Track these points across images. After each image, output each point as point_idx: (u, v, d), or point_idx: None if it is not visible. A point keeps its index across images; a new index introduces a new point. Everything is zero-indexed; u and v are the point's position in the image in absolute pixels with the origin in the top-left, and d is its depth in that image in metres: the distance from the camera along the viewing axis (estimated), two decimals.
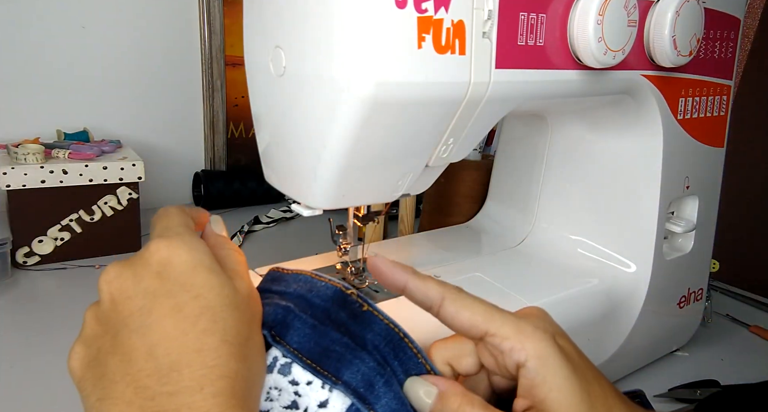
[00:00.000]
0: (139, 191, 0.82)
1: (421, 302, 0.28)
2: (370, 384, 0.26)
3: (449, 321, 0.27)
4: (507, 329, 0.25)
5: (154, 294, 0.24)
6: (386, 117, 0.33)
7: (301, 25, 0.33)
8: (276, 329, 0.28)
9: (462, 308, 0.26)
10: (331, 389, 0.26)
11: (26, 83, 0.92)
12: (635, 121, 0.50)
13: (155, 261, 0.26)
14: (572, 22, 0.39)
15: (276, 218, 1.01)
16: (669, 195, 0.52)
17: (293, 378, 0.27)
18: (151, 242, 0.26)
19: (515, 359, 0.25)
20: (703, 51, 0.51)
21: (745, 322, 0.68)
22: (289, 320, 0.28)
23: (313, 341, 0.27)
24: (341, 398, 0.26)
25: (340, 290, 0.29)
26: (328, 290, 0.29)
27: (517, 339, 0.25)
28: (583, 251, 0.55)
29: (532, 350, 0.25)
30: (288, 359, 0.27)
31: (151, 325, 0.24)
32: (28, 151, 0.75)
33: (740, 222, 0.79)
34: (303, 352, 0.27)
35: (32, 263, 0.77)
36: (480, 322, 0.26)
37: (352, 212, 0.48)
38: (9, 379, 0.51)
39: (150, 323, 0.24)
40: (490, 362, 0.27)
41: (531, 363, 0.25)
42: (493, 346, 0.26)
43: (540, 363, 0.25)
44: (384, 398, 0.26)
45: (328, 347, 0.27)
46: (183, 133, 1.08)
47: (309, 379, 0.27)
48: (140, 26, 0.99)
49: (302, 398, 0.26)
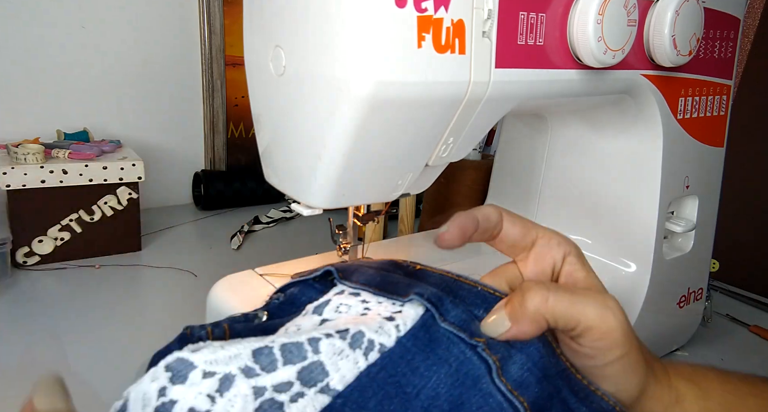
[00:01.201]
0: (139, 191, 0.82)
1: (487, 231, 0.29)
2: (440, 299, 0.27)
3: (504, 235, 0.30)
4: (552, 233, 0.30)
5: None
6: (386, 116, 0.33)
7: (301, 24, 0.33)
8: (341, 271, 0.28)
9: (516, 219, 0.30)
10: (402, 304, 0.27)
11: (26, 83, 0.92)
12: (635, 121, 0.50)
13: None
14: (572, 22, 0.39)
15: (276, 218, 1.01)
16: (669, 195, 0.52)
17: (363, 299, 0.27)
18: None
19: (563, 250, 0.29)
20: (702, 51, 0.51)
21: (745, 322, 0.68)
22: (352, 268, 0.29)
23: (379, 278, 0.28)
24: (414, 309, 0.26)
25: (391, 260, 0.31)
26: (380, 261, 0.31)
27: (562, 237, 0.30)
28: (583, 251, 0.55)
29: (573, 246, 0.30)
30: (356, 290, 0.28)
31: None
32: (28, 151, 0.75)
33: (740, 222, 0.79)
34: (370, 285, 0.28)
35: (32, 263, 0.77)
36: (531, 227, 0.30)
37: (352, 212, 0.48)
38: (9, 379, 0.51)
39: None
40: (533, 269, 0.30)
41: (575, 251, 0.30)
42: (543, 245, 0.30)
43: (579, 254, 0.30)
44: (453, 311, 0.27)
45: (393, 282, 0.28)
46: (183, 133, 1.08)
47: (379, 300, 0.27)
48: (140, 26, 0.99)
49: (371, 310, 0.27)
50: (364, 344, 0.25)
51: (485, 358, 0.25)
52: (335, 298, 0.28)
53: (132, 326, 0.61)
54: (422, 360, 0.25)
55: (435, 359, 0.25)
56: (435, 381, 0.25)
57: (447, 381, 0.25)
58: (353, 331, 0.25)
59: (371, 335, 0.25)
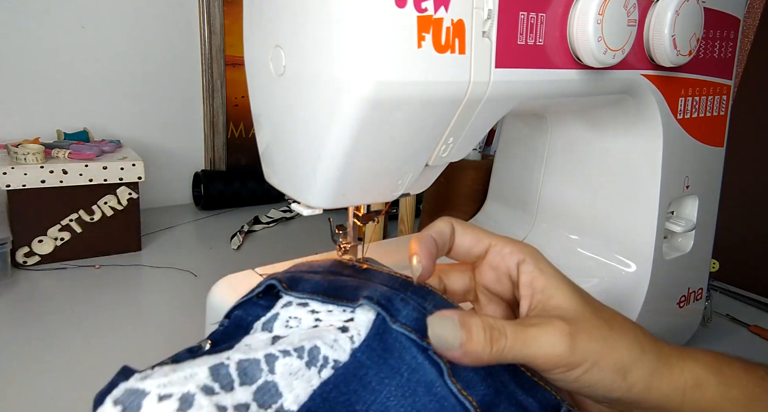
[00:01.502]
0: (139, 191, 0.82)
1: (443, 246, 0.29)
2: (389, 300, 0.27)
3: (456, 244, 0.30)
4: (505, 241, 0.30)
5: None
6: (386, 116, 0.33)
7: (301, 24, 0.33)
8: (286, 282, 0.28)
9: (467, 229, 0.30)
10: (353, 310, 0.27)
11: (26, 83, 0.92)
12: (635, 121, 0.50)
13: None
14: (572, 22, 0.39)
15: (276, 218, 1.01)
16: (669, 195, 0.52)
17: (312, 309, 0.27)
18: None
19: (516, 259, 0.29)
20: (702, 51, 0.51)
21: (745, 322, 0.68)
22: (297, 276, 0.29)
23: (326, 284, 0.28)
24: (365, 314, 0.27)
25: (336, 260, 0.31)
26: (326, 262, 0.31)
27: (514, 245, 0.30)
28: (583, 251, 0.55)
29: (528, 251, 0.29)
30: (304, 300, 0.27)
31: None
32: (28, 151, 0.75)
33: (740, 222, 0.79)
34: (318, 292, 0.27)
35: (32, 263, 0.77)
36: (483, 237, 0.30)
37: (352, 212, 0.48)
38: (9, 379, 0.51)
39: None
40: (490, 277, 0.30)
41: (529, 258, 0.29)
42: (495, 254, 0.30)
43: (536, 259, 0.29)
44: (404, 310, 0.27)
45: (341, 286, 0.28)
46: (183, 133, 1.08)
47: (329, 308, 0.27)
48: (140, 26, 0.99)
49: (323, 321, 0.26)
50: (319, 361, 0.25)
51: (436, 360, 0.26)
52: (283, 311, 0.27)
53: (132, 326, 0.61)
54: (374, 374, 0.25)
55: (387, 371, 0.25)
56: (385, 395, 0.25)
57: (397, 393, 0.25)
58: (308, 346, 0.25)
59: (326, 351, 0.25)
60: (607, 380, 0.26)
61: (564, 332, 0.26)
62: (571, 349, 0.25)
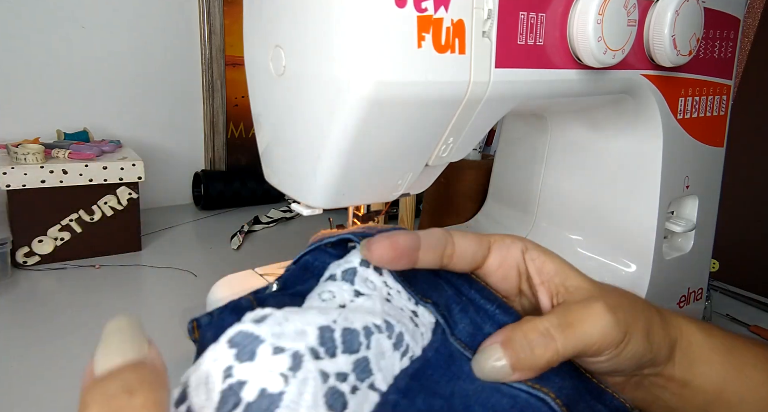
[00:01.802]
0: (139, 191, 0.82)
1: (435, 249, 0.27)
2: (449, 310, 0.27)
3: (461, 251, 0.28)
4: (502, 235, 0.29)
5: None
6: (386, 116, 0.33)
7: (301, 24, 0.33)
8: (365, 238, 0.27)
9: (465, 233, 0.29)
10: (417, 303, 0.26)
11: (26, 83, 0.92)
12: (635, 121, 0.50)
13: None
14: (572, 22, 0.39)
15: (276, 218, 1.01)
16: (669, 195, 0.52)
17: (385, 280, 0.26)
18: None
19: (519, 247, 0.29)
20: (702, 51, 0.51)
21: (745, 322, 0.68)
22: None
23: None
24: (427, 315, 0.26)
25: None
26: None
27: (512, 237, 0.29)
28: (583, 251, 0.55)
29: (525, 240, 0.29)
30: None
31: None
32: (28, 151, 0.75)
33: (740, 222, 0.79)
34: None
35: (32, 263, 0.77)
36: (483, 237, 0.29)
37: (351, 212, 0.48)
38: (9, 379, 0.51)
39: None
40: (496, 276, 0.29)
41: (529, 245, 0.29)
42: (498, 248, 0.29)
43: (535, 245, 0.29)
44: (460, 324, 0.27)
45: (414, 270, 0.27)
46: (183, 133, 1.08)
47: (398, 289, 0.26)
48: (140, 26, 0.99)
49: (394, 300, 0.26)
50: (403, 347, 0.24)
51: None
52: (361, 269, 0.26)
53: None
54: (446, 369, 0.25)
55: (455, 369, 0.25)
56: (460, 385, 0.25)
57: (470, 387, 0.25)
58: (397, 330, 0.24)
59: (408, 340, 0.25)
60: (641, 348, 0.26)
61: (606, 310, 0.25)
62: (617, 325, 0.25)
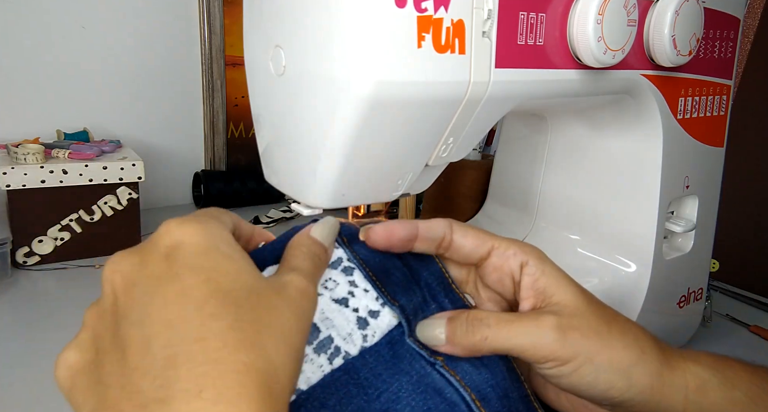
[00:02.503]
0: (139, 191, 0.82)
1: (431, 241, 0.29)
2: (415, 315, 0.28)
3: (457, 246, 0.29)
4: (508, 242, 0.29)
5: (158, 278, 0.21)
6: (386, 117, 0.33)
7: (301, 24, 0.33)
8: (346, 235, 0.29)
9: (468, 231, 0.29)
10: (384, 304, 0.27)
11: (26, 83, 0.92)
12: (635, 121, 0.50)
13: (164, 243, 0.22)
14: (572, 22, 0.39)
15: (276, 218, 1.01)
16: (669, 195, 0.52)
17: (353, 280, 0.28)
18: (162, 224, 0.23)
19: (519, 260, 0.29)
20: (702, 51, 0.51)
21: (745, 322, 0.68)
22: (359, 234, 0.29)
23: (378, 259, 0.28)
24: (389, 316, 0.27)
25: None
26: None
27: (518, 246, 0.29)
28: (583, 251, 0.55)
29: (533, 253, 0.29)
30: (352, 265, 0.28)
31: (152, 313, 0.20)
32: (28, 151, 0.75)
33: (740, 222, 0.79)
34: (367, 263, 0.28)
35: (32, 263, 0.77)
36: (486, 239, 0.29)
37: (351, 212, 0.48)
38: (9, 379, 0.51)
39: (151, 312, 0.20)
40: (492, 278, 0.30)
41: (532, 260, 0.29)
42: (498, 255, 0.29)
43: (540, 260, 0.29)
44: None
45: (389, 269, 0.28)
46: (183, 133, 1.08)
47: (366, 287, 0.28)
48: (140, 26, 0.99)
49: (355, 298, 0.27)
50: (330, 349, 0.25)
51: (443, 374, 0.27)
52: (328, 270, 0.28)
53: None
54: (384, 369, 0.26)
55: (396, 369, 0.26)
56: (396, 386, 0.26)
57: (408, 387, 0.26)
58: (323, 336, 0.26)
59: (339, 342, 0.26)
60: (603, 379, 0.26)
61: (552, 324, 0.26)
62: (560, 342, 0.26)
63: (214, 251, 0.22)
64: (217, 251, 0.22)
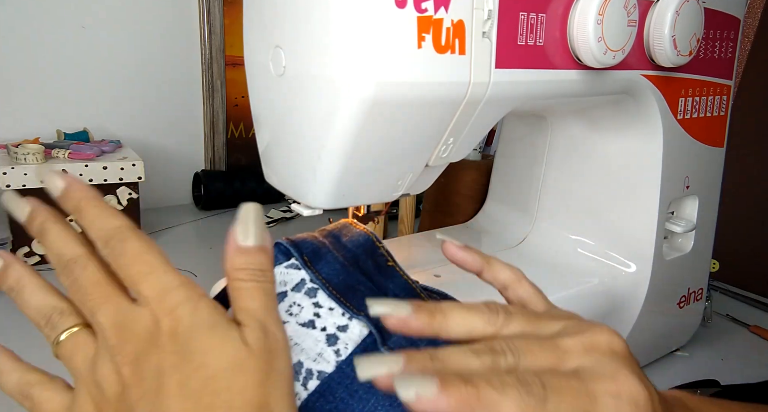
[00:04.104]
0: (139, 191, 0.82)
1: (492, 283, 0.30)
2: None
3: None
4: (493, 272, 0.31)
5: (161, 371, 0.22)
6: (386, 117, 0.33)
7: (301, 24, 0.33)
8: (308, 255, 0.29)
9: None
10: (351, 318, 0.28)
11: (26, 83, 0.92)
12: (635, 121, 0.50)
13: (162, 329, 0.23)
14: (572, 22, 0.39)
15: (276, 218, 1.01)
16: (669, 195, 0.52)
17: (317, 301, 0.28)
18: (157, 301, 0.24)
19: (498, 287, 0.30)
20: (703, 51, 0.51)
21: (745, 322, 0.68)
22: (322, 252, 0.30)
23: (341, 276, 0.29)
24: (359, 327, 0.28)
25: (371, 239, 0.33)
26: (361, 236, 0.32)
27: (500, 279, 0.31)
28: (583, 251, 0.55)
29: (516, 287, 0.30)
30: (315, 285, 0.29)
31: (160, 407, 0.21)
32: (28, 151, 0.74)
33: (740, 222, 0.79)
34: (330, 283, 0.29)
35: (32, 263, 0.76)
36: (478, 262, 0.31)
37: (351, 212, 0.48)
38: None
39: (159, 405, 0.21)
40: None
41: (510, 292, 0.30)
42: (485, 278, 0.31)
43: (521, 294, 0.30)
44: (394, 336, 0.28)
45: (353, 285, 0.29)
46: (183, 133, 1.08)
47: (331, 306, 0.28)
48: (140, 26, 0.99)
49: (321, 319, 0.28)
50: (302, 374, 0.26)
51: None
52: (291, 294, 0.28)
53: None
54: (360, 385, 0.26)
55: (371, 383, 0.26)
56: (373, 403, 0.26)
57: (385, 402, 0.26)
58: (294, 360, 0.26)
59: (310, 365, 0.26)
60: None
61: None
62: None
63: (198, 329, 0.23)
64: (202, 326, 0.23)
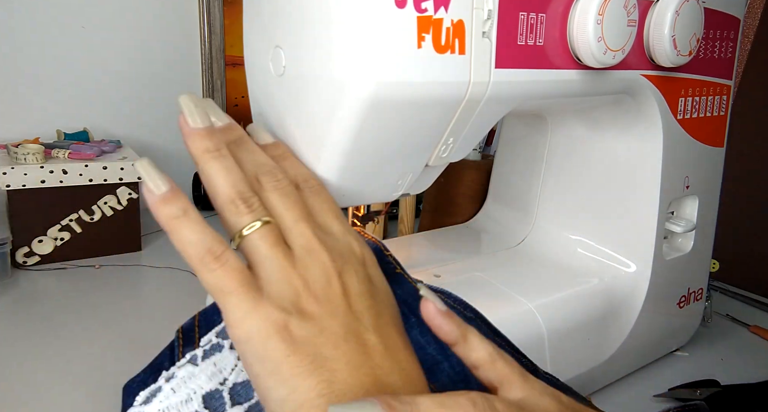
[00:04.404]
0: (139, 191, 0.82)
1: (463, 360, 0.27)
2: None
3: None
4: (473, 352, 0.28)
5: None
6: (386, 117, 0.33)
7: (301, 24, 0.33)
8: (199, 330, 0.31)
9: None
10: None
11: (26, 83, 0.92)
12: (635, 121, 0.50)
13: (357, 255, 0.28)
14: (572, 22, 0.39)
15: None
16: (669, 195, 0.52)
17: None
18: None
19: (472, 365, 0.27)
20: (703, 51, 0.51)
21: (745, 322, 0.68)
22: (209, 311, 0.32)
23: None
24: None
25: (379, 247, 0.34)
26: (369, 245, 0.33)
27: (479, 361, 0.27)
28: (583, 251, 0.55)
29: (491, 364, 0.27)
30: None
31: None
32: (28, 151, 0.75)
33: (740, 222, 0.79)
34: None
35: (32, 263, 0.77)
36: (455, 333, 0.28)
37: (351, 212, 0.48)
38: (9, 379, 0.51)
39: None
40: None
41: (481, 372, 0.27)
42: None
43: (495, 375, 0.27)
44: None
45: None
46: None
47: None
48: (140, 26, 0.99)
49: None
50: None
51: None
52: None
53: (132, 326, 0.61)
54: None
55: None
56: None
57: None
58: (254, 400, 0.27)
59: None
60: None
61: None
62: None
63: None
64: None
